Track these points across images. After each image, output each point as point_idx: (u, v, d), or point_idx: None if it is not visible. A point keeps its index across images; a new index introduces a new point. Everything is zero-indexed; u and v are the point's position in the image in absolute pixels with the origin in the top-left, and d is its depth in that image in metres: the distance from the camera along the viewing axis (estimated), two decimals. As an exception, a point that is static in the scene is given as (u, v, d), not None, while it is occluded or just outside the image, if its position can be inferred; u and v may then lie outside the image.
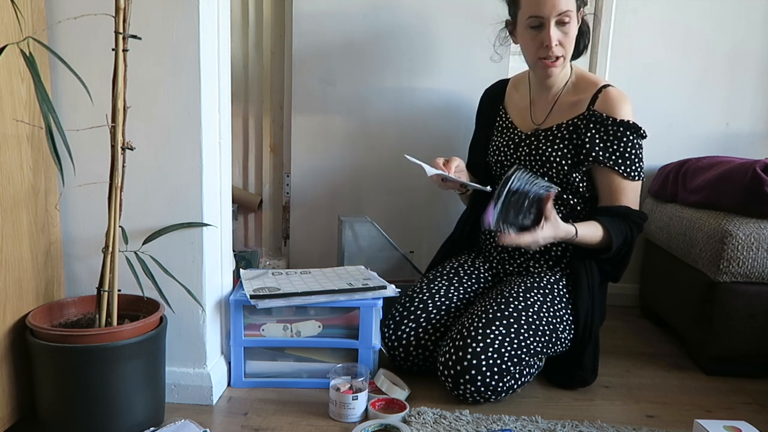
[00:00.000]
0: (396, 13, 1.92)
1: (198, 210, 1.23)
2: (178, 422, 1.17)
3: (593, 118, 1.42)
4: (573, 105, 1.47)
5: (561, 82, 1.50)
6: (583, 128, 1.43)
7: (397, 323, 1.46)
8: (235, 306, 1.35)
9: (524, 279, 1.45)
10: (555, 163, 1.45)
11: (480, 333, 1.30)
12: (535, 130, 1.52)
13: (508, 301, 1.37)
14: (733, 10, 1.94)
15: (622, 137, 1.40)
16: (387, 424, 1.20)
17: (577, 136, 1.44)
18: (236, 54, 2.02)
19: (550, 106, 1.51)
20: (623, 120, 1.40)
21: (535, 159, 1.48)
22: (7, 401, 1.08)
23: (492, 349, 1.28)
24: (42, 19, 1.15)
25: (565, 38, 1.39)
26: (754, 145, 2.02)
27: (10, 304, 1.08)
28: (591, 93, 1.45)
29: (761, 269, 1.48)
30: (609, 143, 1.40)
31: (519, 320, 1.33)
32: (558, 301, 1.41)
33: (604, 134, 1.41)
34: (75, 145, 1.13)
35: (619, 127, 1.40)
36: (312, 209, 2.04)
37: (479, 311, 1.36)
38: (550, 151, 1.46)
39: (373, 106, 1.97)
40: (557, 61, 1.41)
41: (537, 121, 1.53)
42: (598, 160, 1.40)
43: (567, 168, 1.44)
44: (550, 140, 1.47)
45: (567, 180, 1.45)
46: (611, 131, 1.40)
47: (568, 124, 1.46)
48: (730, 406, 1.38)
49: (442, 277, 1.54)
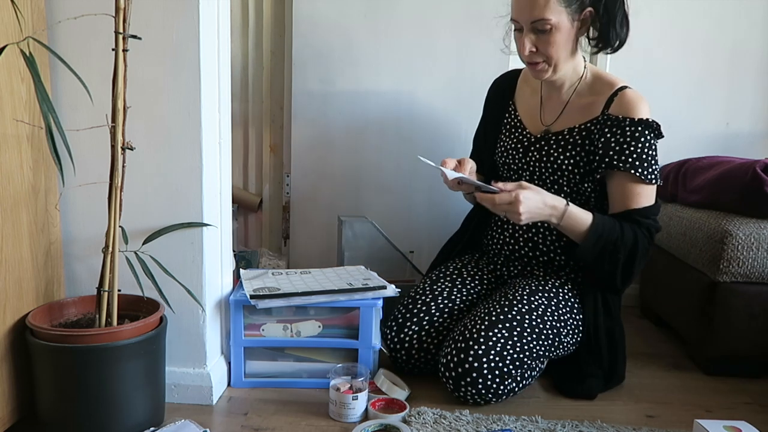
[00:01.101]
0: (396, 13, 1.92)
1: (198, 210, 1.23)
2: (178, 422, 1.17)
3: (608, 122, 1.36)
4: (586, 107, 1.41)
5: (571, 82, 1.44)
6: (597, 133, 1.37)
7: (400, 325, 1.45)
8: (235, 306, 1.34)
9: (529, 281, 1.43)
10: (567, 171, 1.40)
11: (483, 335, 1.29)
12: (545, 132, 1.46)
13: (511, 304, 1.35)
14: (733, 10, 1.94)
15: (640, 137, 1.32)
16: (387, 424, 1.20)
17: (590, 143, 1.38)
18: (236, 54, 2.02)
19: (561, 106, 1.45)
20: (641, 119, 1.33)
21: (545, 166, 1.42)
22: (7, 401, 1.08)
23: (494, 351, 1.28)
24: (42, 19, 1.15)
25: (546, 45, 1.32)
26: (754, 145, 2.02)
27: (10, 304, 1.08)
28: (606, 95, 1.38)
29: (761, 269, 1.48)
30: (626, 145, 1.32)
31: (522, 323, 1.32)
32: (563, 305, 1.39)
33: (620, 136, 1.33)
34: (75, 145, 1.13)
35: (637, 127, 1.32)
36: (312, 209, 2.04)
37: (482, 313, 1.35)
38: (561, 158, 1.40)
39: (373, 106, 1.97)
40: (538, 66, 1.36)
41: (546, 122, 1.47)
42: (612, 164, 1.33)
43: (578, 177, 1.39)
44: (561, 146, 1.41)
45: (578, 190, 1.41)
46: (628, 132, 1.32)
47: (580, 129, 1.40)
48: (730, 406, 1.37)
49: (445, 279, 1.53)
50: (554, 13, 1.29)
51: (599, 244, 1.31)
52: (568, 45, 1.35)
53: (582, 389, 1.39)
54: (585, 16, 1.34)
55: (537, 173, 1.45)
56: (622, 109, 1.35)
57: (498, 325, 1.31)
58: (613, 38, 1.36)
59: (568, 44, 1.34)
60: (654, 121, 1.34)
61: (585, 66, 1.44)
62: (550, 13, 1.29)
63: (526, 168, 1.47)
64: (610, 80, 1.41)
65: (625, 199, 1.35)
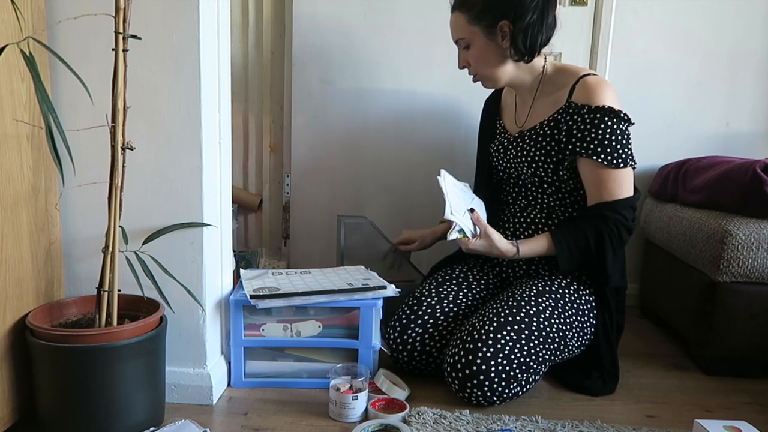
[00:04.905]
0: (396, 14, 1.92)
1: (198, 210, 1.23)
2: (178, 422, 1.17)
3: (570, 110, 1.39)
4: (552, 101, 1.45)
5: (532, 82, 1.49)
6: (562, 122, 1.41)
7: (404, 326, 1.45)
8: (235, 306, 1.34)
9: (535, 282, 1.43)
10: (541, 163, 1.44)
11: (491, 337, 1.28)
12: (519, 132, 1.52)
13: (519, 305, 1.35)
14: (733, 10, 1.94)
15: (600, 123, 1.34)
16: (387, 424, 1.20)
17: (558, 132, 1.42)
18: (236, 54, 2.02)
19: (528, 107, 1.52)
20: (598, 106, 1.35)
21: (522, 161, 1.47)
22: (7, 401, 1.08)
23: (502, 355, 1.27)
24: (42, 19, 1.15)
25: (473, 60, 1.46)
26: (754, 145, 2.02)
27: (10, 304, 1.08)
28: (570, 85, 1.42)
29: (761, 269, 1.48)
30: (587, 132, 1.36)
31: (530, 326, 1.32)
32: (569, 306, 1.39)
33: (581, 123, 1.37)
34: (75, 145, 1.13)
35: (595, 114, 1.35)
36: (312, 209, 2.04)
37: (490, 314, 1.34)
38: (533, 151, 1.44)
39: (372, 106, 1.97)
40: (475, 78, 1.50)
41: (520, 123, 1.54)
42: (575, 151, 1.37)
43: (553, 165, 1.43)
44: (533, 139, 1.45)
45: (557, 178, 1.44)
46: (587, 119, 1.36)
47: (549, 121, 1.44)
48: (730, 406, 1.38)
49: (451, 282, 1.53)
50: (467, 32, 1.43)
51: (575, 255, 1.38)
52: (490, 57, 1.44)
53: (585, 385, 1.40)
54: (502, 29, 1.40)
55: (519, 169, 1.50)
56: (584, 96, 1.38)
57: (507, 327, 1.30)
58: (521, 46, 1.40)
59: (490, 57, 1.44)
60: (612, 108, 1.36)
61: (544, 65, 1.49)
62: (464, 32, 1.44)
63: (509, 166, 1.53)
64: (573, 70, 1.45)
65: (595, 187, 1.38)
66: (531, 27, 1.38)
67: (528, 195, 1.51)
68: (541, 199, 1.49)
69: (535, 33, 1.39)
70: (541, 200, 1.49)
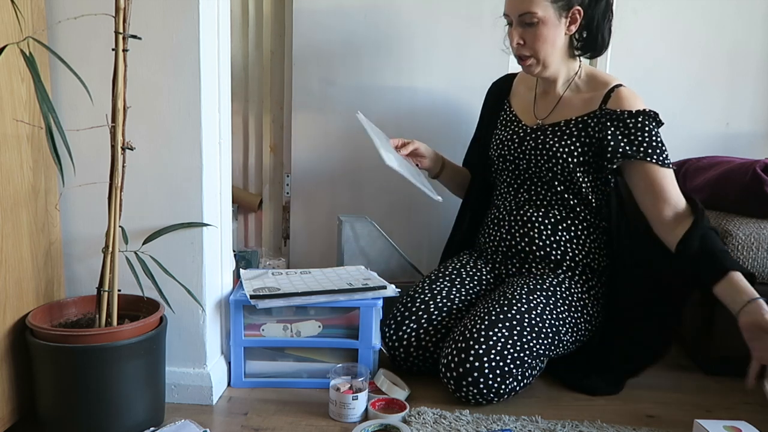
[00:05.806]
0: (396, 12, 1.92)
1: (198, 210, 1.23)
2: (178, 422, 1.17)
3: (607, 115, 1.40)
4: (582, 102, 1.46)
5: (565, 79, 1.50)
6: (595, 127, 1.42)
7: (398, 323, 1.45)
8: (235, 306, 1.34)
9: (527, 280, 1.44)
10: (561, 160, 1.44)
11: (483, 335, 1.29)
12: (539, 124, 1.51)
13: (510, 303, 1.36)
14: (733, 10, 1.94)
15: (643, 127, 1.37)
16: (387, 424, 1.20)
17: (586, 135, 1.42)
18: (236, 54, 2.02)
19: (555, 101, 1.51)
20: (639, 110, 1.38)
21: (540, 154, 1.46)
22: (7, 401, 1.08)
23: (495, 351, 1.28)
24: (42, 19, 1.15)
25: (533, 39, 1.39)
26: (754, 145, 2.02)
27: (10, 304, 1.08)
28: (603, 92, 1.44)
29: (761, 269, 1.48)
30: (633, 136, 1.37)
31: (522, 322, 1.33)
32: (561, 303, 1.41)
33: (624, 128, 1.38)
34: (75, 145, 1.13)
35: (637, 117, 1.38)
36: (312, 209, 2.04)
37: (482, 312, 1.35)
38: (557, 146, 1.44)
39: (373, 105, 1.96)
40: (526, 61, 1.43)
41: (540, 116, 1.52)
42: (627, 155, 1.37)
43: (572, 165, 1.43)
44: (558, 135, 1.45)
45: (571, 178, 1.44)
46: (630, 123, 1.38)
47: (577, 121, 1.45)
48: (730, 406, 1.38)
49: (444, 278, 1.54)
50: (540, 7, 1.36)
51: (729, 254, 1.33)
52: (555, 40, 1.40)
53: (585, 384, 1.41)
54: (573, 14, 1.39)
55: (533, 161, 1.48)
56: (620, 104, 1.41)
57: (498, 324, 1.31)
58: (599, 42, 1.42)
59: (555, 40, 1.40)
60: (651, 111, 1.39)
61: (580, 65, 1.50)
62: (536, 6, 1.35)
63: (522, 157, 1.51)
64: (605, 79, 1.47)
65: (654, 191, 1.38)
66: (599, 22, 1.40)
67: (530, 189, 1.51)
68: (543, 196, 1.49)
69: (601, 29, 1.41)
70: (543, 197, 1.49)
